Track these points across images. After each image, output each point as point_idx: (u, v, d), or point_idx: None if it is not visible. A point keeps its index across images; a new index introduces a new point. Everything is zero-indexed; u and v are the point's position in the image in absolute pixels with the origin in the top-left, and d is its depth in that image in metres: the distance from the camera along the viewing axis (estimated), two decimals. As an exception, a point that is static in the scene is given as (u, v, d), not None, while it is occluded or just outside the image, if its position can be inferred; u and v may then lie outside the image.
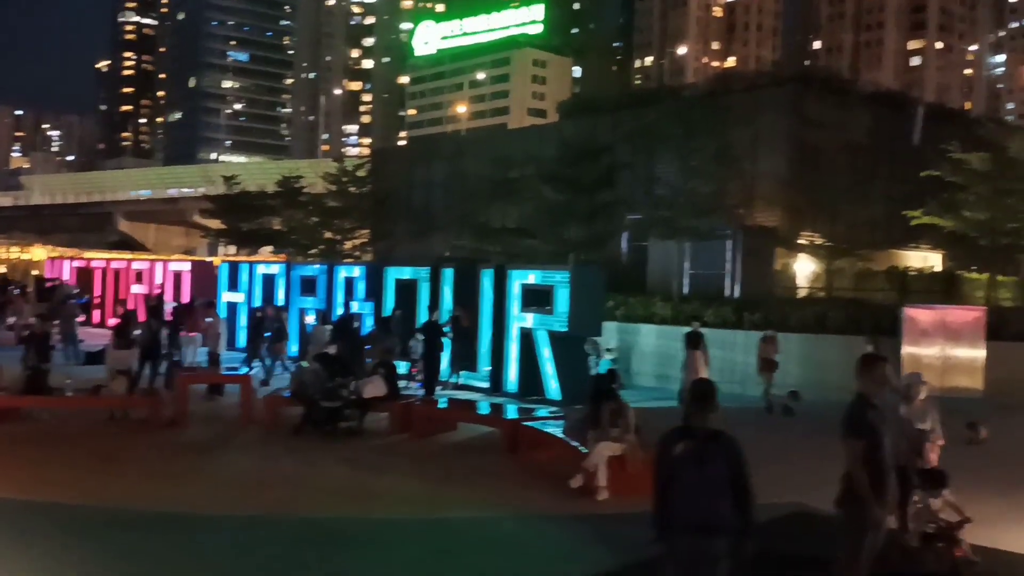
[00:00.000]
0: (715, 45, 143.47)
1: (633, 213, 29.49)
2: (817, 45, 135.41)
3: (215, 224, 60.97)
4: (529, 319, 17.29)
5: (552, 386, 16.69)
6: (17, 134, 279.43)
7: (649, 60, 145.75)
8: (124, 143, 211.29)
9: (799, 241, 28.40)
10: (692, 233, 25.37)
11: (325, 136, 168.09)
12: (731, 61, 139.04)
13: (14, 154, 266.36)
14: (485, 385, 18.05)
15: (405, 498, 10.17)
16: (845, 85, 35.89)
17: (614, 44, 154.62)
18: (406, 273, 20.47)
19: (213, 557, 7.86)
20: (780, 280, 27.62)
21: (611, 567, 7.80)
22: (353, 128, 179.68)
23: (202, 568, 7.55)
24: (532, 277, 17.61)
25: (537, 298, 17.35)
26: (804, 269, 28.98)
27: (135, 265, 30.37)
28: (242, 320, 23.66)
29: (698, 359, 16.17)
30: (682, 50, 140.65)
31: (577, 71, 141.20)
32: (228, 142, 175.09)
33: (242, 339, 23.48)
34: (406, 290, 20.07)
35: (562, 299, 16.70)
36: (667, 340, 19.33)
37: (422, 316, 18.93)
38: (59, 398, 13.47)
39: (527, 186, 32.25)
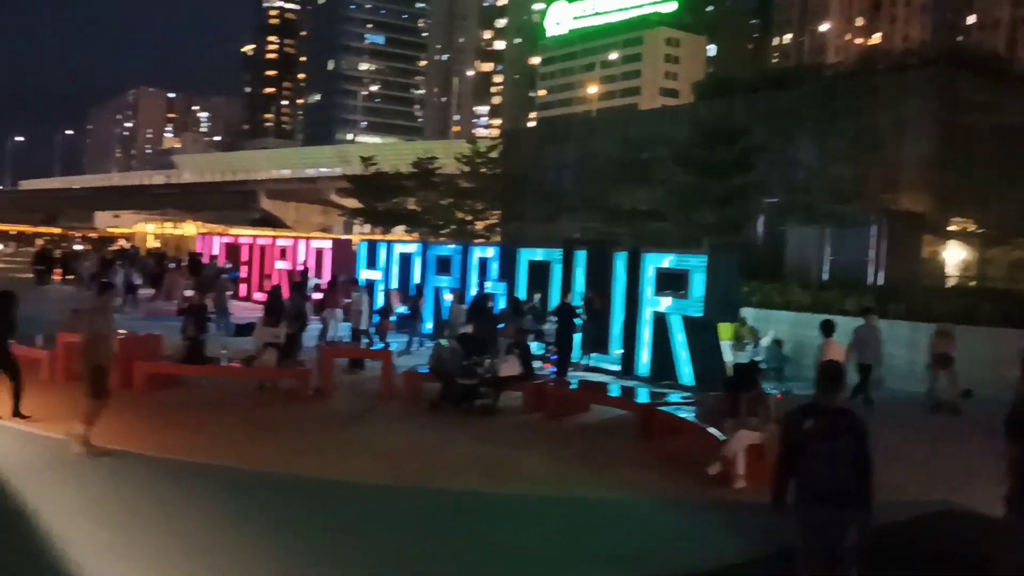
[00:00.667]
0: (859, 22, 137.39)
1: (770, 197, 28.77)
2: (970, 20, 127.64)
3: (351, 203, 63.06)
4: (663, 303, 17.18)
5: (685, 371, 16.56)
6: (170, 116, 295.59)
7: (788, 38, 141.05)
8: (267, 124, 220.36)
9: (949, 228, 27.06)
10: (833, 219, 24.55)
11: (456, 117, 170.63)
12: (876, 38, 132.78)
13: (167, 135, 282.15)
14: (616, 368, 18.07)
15: (539, 476, 10.36)
16: (1000, 64, 33.81)
17: (751, 21, 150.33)
18: (538, 255, 20.67)
19: (354, 522, 8.22)
20: (927, 269, 26.42)
21: (748, 556, 7.75)
22: (484, 109, 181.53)
23: (344, 532, 7.91)
24: (667, 261, 17.47)
25: (671, 282, 17.20)
26: (954, 258, 27.61)
27: (279, 242, 31.74)
28: (379, 299, 24.46)
29: (834, 347, 15.68)
30: (824, 27, 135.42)
31: (712, 50, 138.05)
32: (364, 123, 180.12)
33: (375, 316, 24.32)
34: (538, 272, 20.28)
35: (698, 284, 16.51)
36: (804, 328, 18.82)
37: (554, 298, 19.10)
38: (215, 367, 14.30)
39: (659, 168, 31.93)
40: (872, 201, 25.83)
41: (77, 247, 54.81)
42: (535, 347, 16.88)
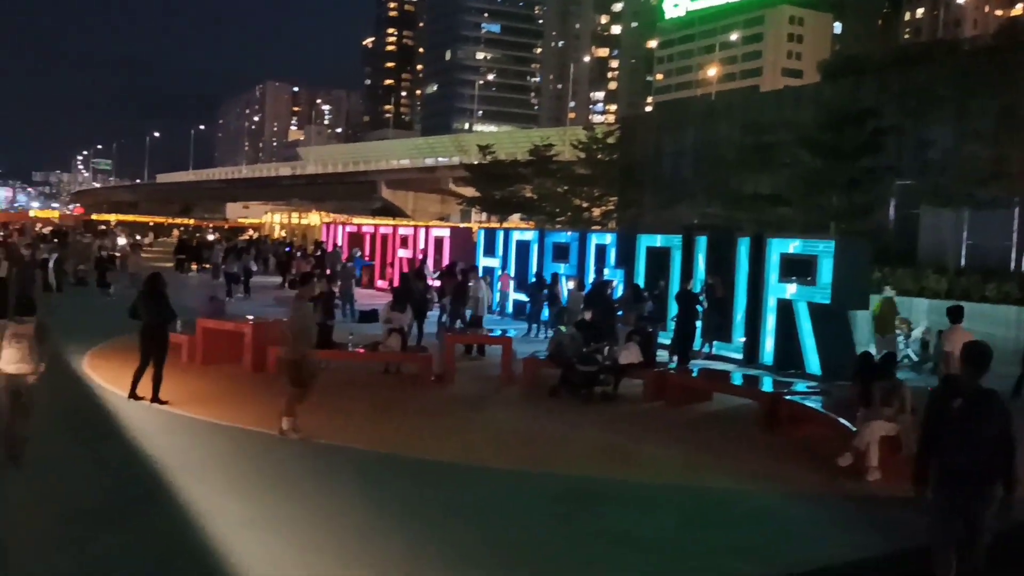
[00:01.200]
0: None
1: (901, 180, 27.55)
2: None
3: (469, 192, 63.78)
4: (788, 290, 16.70)
5: (812, 360, 16.06)
6: (294, 109, 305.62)
7: (920, 12, 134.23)
8: (386, 115, 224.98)
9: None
10: (971, 201, 23.31)
11: (572, 104, 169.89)
12: (1018, 9, 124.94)
13: (292, 127, 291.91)
14: (738, 356, 17.70)
15: (662, 464, 10.26)
16: None
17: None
18: (658, 241, 20.41)
19: (478, 505, 8.33)
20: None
21: (882, 551, 7.48)
22: (600, 95, 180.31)
23: (469, 514, 8.03)
24: (793, 246, 16.96)
25: (797, 269, 16.69)
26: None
27: (401, 231, 32.44)
28: (498, 285, 24.74)
29: (960, 334, 14.87)
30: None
31: (837, 27, 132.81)
32: (480, 112, 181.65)
33: (495, 302, 24.59)
34: (657, 258, 20.03)
35: (825, 270, 15.97)
36: (940, 316, 17.95)
37: (674, 285, 18.84)
38: (343, 352, 14.75)
39: (782, 152, 31.01)
40: (1014, 183, 24.37)
41: (209, 237, 57.42)
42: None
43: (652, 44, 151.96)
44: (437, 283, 22.59)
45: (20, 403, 8.67)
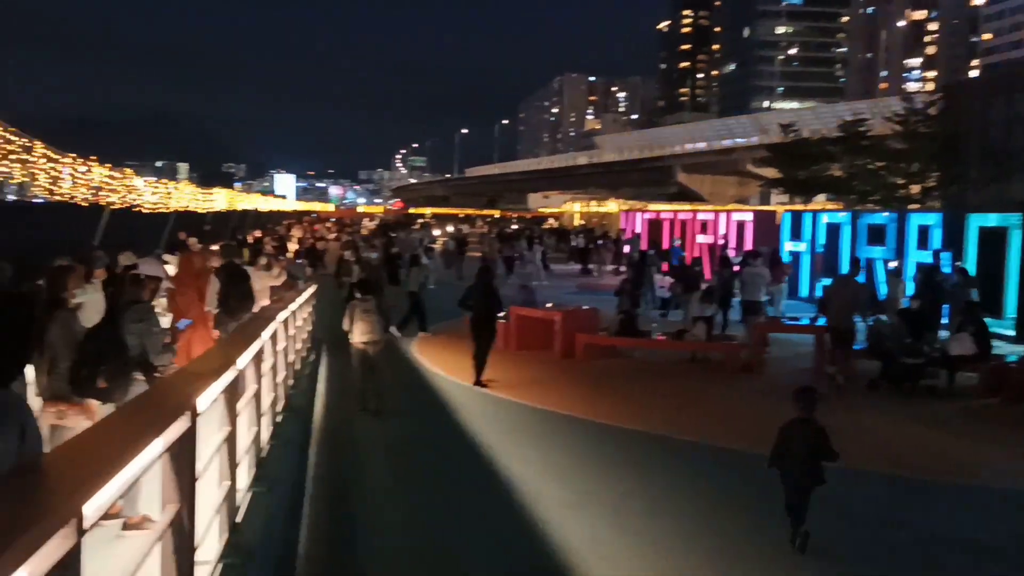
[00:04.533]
0: None
1: None
2: None
3: (769, 173, 61.43)
4: None
5: None
6: (591, 99, 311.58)
7: None
8: (682, 99, 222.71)
9: None
10: None
11: (884, 73, 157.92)
12: None
13: (588, 117, 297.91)
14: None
15: (996, 467, 9.32)
16: None
17: None
18: (991, 220, 18.45)
19: (758, 490, 8.04)
20: None
21: None
22: (915, 62, 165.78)
23: (773, 509, 7.78)
24: None
25: None
26: None
27: (700, 216, 32.03)
28: (805, 270, 23.70)
29: None
30: None
31: None
32: (780, 89, 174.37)
33: (803, 289, 23.54)
34: (991, 240, 18.11)
35: None
36: None
37: (1013, 270, 16.94)
38: (648, 339, 14.90)
39: None
40: None
41: (514, 227, 60.27)
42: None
43: (978, 1, 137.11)
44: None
45: (371, 368, 10.87)
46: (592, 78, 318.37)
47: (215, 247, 14.56)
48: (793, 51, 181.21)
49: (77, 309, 6.21)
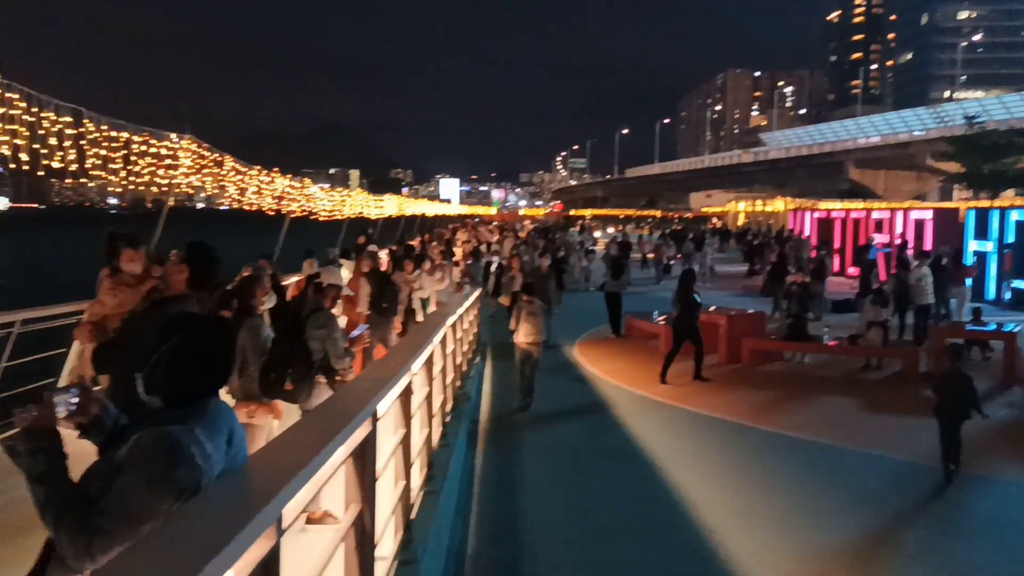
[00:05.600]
0: None
1: None
2: None
3: (951, 167, 57.86)
4: None
5: None
6: (755, 94, 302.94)
7: None
8: (853, 91, 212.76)
9: None
10: None
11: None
12: None
13: (753, 113, 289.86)
14: None
15: None
16: None
17: None
18: None
19: (983, 516, 7.58)
20: None
21: None
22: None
23: (969, 526, 7.33)
24: None
25: None
26: None
27: (874, 214, 30.54)
28: (992, 270, 22.18)
29: None
30: None
31: None
32: (963, 77, 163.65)
33: (990, 292, 22.03)
34: None
35: None
36: None
37: None
38: (817, 344, 14.35)
39: None
40: None
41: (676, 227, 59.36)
42: None
43: None
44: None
45: (533, 366, 11.48)
46: (757, 73, 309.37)
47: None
48: (977, 37, 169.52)
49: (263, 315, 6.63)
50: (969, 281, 19.66)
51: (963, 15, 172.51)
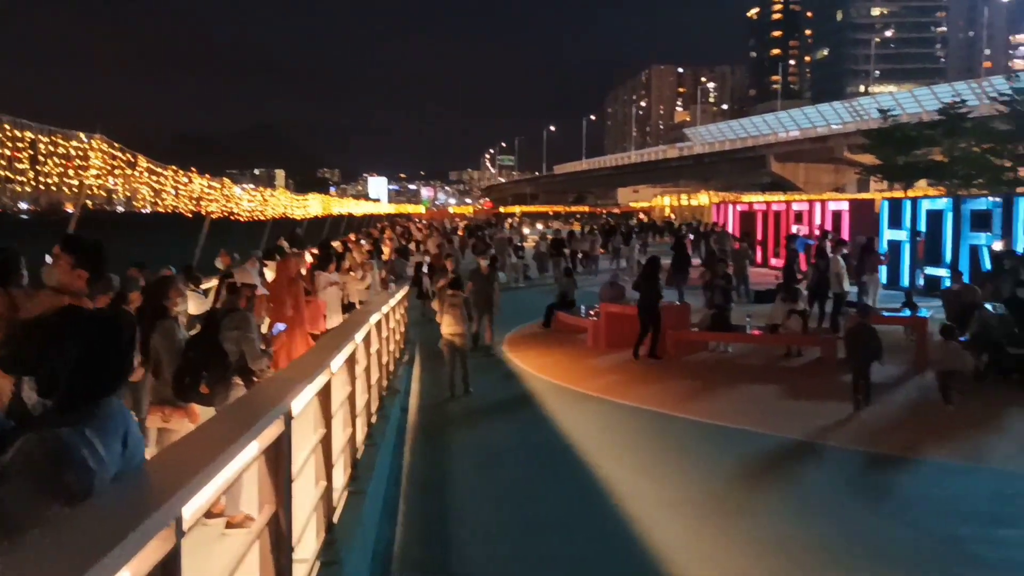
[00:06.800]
0: None
1: None
2: None
3: (867, 159, 59.58)
4: None
5: None
6: (679, 90, 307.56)
7: None
8: (774, 87, 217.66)
9: None
10: None
11: (987, 52, 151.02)
12: None
13: (677, 109, 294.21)
14: None
15: None
16: None
17: None
18: (1108, 202, 17.50)
19: (905, 499, 7.82)
20: None
21: None
22: (1021, 37, 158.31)
23: (891, 508, 7.56)
24: None
25: None
26: None
27: (795, 206, 31.27)
28: (906, 258, 22.91)
29: None
30: None
31: None
32: (877, 72, 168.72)
33: (904, 279, 22.74)
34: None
35: None
36: None
37: None
38: (740, 334, 14.64)
39: None
40: None
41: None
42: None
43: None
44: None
45: (459, 356, 11.93)
46: (680, 69, 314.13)
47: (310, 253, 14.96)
48: (889, 33, 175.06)
49: (178, 318, 6.48)
50: (883, 269, 20.24)
51: (876, 12, 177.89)
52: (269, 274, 14.63)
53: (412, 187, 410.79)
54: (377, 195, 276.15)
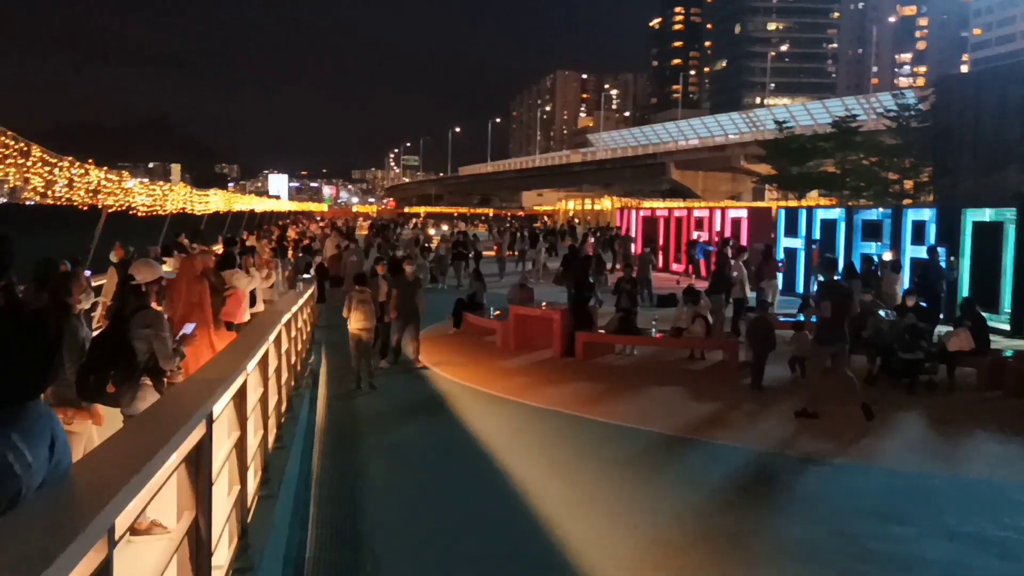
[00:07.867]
0: None
1: None
2: None
3: (763, 169, 61.60)
4: None
5: None
6: (583, 96, 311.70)
7: None
8: (674, 96, 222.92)
9: None
10: None
11: (875, 69, 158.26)
12: None
13: (581, 115, 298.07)
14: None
15: (995, 459, 9.37)
16: None
17: None
18: (986, 215, 18.51)
19: (805, 499, 8.08)
20: None
21: None
22: (906, 57, 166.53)
23: (795, 508, 7.81)
24: None
25: None
26: None
27: (696, 213, 32.07)
28: (801, 265, 23.77)
29: None
30: None
31: None
32: (772, 85, 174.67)
33: (799, 285, 23.58)
34: (986, 234, 18.17)
35: None
36: None
37: (1008, 264, 17.02)
38: (646, 337, 14.91)
39: None
40: None
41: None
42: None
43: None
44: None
45: (364, 352, 12.29)
46: (585, 75, 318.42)
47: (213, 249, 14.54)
48: (784, 47, 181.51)
49: (82, 314, 6.20)
50: (780, 275, 20.96)
51: (772, 26, 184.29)
52: (167, 270, 14.17)
53: (314, 185, 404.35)
54: (277, 192, 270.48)
